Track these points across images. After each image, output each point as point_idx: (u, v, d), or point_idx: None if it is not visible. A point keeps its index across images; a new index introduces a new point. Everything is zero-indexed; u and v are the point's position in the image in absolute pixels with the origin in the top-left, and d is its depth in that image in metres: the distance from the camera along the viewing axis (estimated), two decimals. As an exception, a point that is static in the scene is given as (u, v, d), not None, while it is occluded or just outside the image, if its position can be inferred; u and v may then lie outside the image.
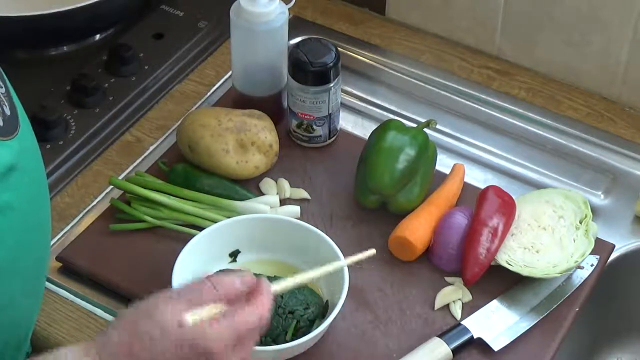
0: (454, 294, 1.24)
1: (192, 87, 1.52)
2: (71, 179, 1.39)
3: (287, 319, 1.16)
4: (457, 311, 1.23)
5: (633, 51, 1.45)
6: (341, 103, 1.41)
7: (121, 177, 1.38)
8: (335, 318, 1.16)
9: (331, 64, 1.35)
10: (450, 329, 1.21)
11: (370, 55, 1.58)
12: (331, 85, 1.36)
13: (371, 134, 1.34)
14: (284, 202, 1.34)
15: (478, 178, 1.40)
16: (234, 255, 1.26)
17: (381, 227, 1.31)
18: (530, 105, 1.50)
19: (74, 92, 1.47)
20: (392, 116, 1.47)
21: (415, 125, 1.37)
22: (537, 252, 1.25)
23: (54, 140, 1.42)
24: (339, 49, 1.37)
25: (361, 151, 1.34)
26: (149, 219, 1.30)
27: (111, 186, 1.35)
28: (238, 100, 1.43)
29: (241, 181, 1.35)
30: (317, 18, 1.63)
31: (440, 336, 1.19)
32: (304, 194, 1.35)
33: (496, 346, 1.19)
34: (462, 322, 1.21)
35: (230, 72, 1.46)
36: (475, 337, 1.20)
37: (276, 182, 1.36)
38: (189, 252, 1.21)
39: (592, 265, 1.27)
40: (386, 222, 1.30)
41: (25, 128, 1.00)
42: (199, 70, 1.55)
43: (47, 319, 1.24)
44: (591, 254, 1.25)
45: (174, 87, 1.52)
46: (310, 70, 1.35)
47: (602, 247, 1.29)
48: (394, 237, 1.28)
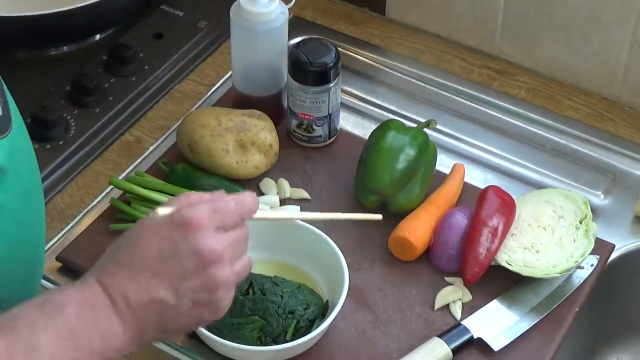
0: (454, 294, 1.24)
1: (192, 87, 1.52)
2: (71, 179, 1.39)
3: (287, 319, 1.16)
4: (457, 311, 1.23)
5: (633, 51, 1.45)
6: (341, 103, 1.41)
7: (121, 177, 1.38)
8: (335, 318, 1.17)
9: (331, 64, 1.35)
10: (450, 329, 1.21)
11: (370, 55, 1.58)
12: (331, 85, 1.36)
13: (371, 134, 1.34)
14: (284, 202, 1.34)
15: (478, 178, 1.40)
16: (234, 255, 1.26)
17: (381, 227, 1.30)
18: (530, 105, 1.50)
19: (74, 92, 1.47)
20: (392, 116, 1.47)
21: (415, 125, 1.36)
22: (537, 252, 1.25)
23: (54, 140, 1.42)
24: (339, 49, 1.37)
25: (361, 151, 1.34)
26: (149, 219, 1.30)
27: (111, 186, 1.35)
28: (238, 100, 1.43)
29: (241, 181, 1.35)
30: (317, 18, 1.63)
31: (440, 336, 1.19)
32: (304, 194, 1.35)
33: (496, 346, 1.19)
34: (462, 322, 1.21)
35: (230, 72, 1.46)
36: (475, 337, 1.20)
37: (276, 182, 1.36)
38: (189, 252, 1.21)
39: (592, 265, 1.27)
40: (386, 222, 1.30)
41: (18, 128, 0.99)
42: (199, 70, 1.55)
43: (47, 319, 1.24)
44: (591, 254, 1.25)
45: (174, 87, 1.52)
46: (310, 70, 1.35)
47: (602, 247, 1.29)
48: (394, 237, 1.28)
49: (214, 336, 1.15)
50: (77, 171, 1.40)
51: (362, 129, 1.46)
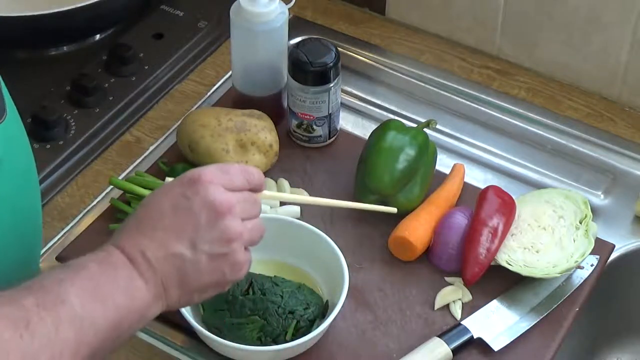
0: (454, 294, 1.24)
1: (192, 87, 1.52)
2: (71, 179, 1.39)
3: (287, 319, 1.16)
4: (457, 311, 1.23)
5: (633, 51, 1.45)
6: (341, 103, 1.41)
7: (121, 177, 1.38)
8: (335, 318, 1.17)
9: (331, 64, 1.35)
10: (450, 329, 1.21)
11: (370, 55, 1.58)
12: (331, 85, 1.36)
13: (371, 134, 1.34)
14: (284, 202, 1.34)
15: (478, 178, 1.40)
16: (234, 255, 1.26)
17: (381, 227, 1.31)
18: (530, 105, 1.50)
19: (74, 92, 1.47)
20: (392, 116, 1.47)
21: (415, 125, 1.37)
22: (537, 252, 1.25)
23: (54, 140, 1.42)
24: (339, 49, 1.37)
25: (361, 151, 1.34)
26: (149, 219, 1.30)
27: (111, 186, 1.35)
28: (238, 100, 1.43)
29: (241, 181, 1.34)
30: (317, 18, 1.63)
31: (440, 336, 1.19)
32: (304, 194, 1.35)
33: (496, 346, 1.19)
34: (462, 322, 1.21)
35: (230, 72, 1.46)
36: (475, 337, 1.20)
37: (276, 182, 1.36)
38: (189, 252, 1.21)
39: (592, 265, 1.27)
40: (386, 222, 1.30)
41: (12, 117, 1.00)
42: (199, 70, 1.55)
43: (47, 319, 1.24)
44: (591, 254, 1.25)
45: (174, 87, 1.52)
46: (310, 70, 1.35)
47: (602, 247, 1.29)
48: (394, 237, 1.28)
49: (214, 336, 1.15)
50: (77, 171, 1.40)
51: (362, 129, 1.46)
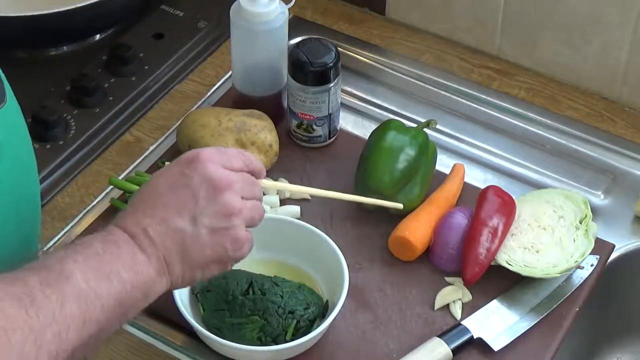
0: (454, 294, 1.24)
1: (192, 87, 1.52)
2: (71, 179, 1.39)
3: (287, 319, 1.16)
4: (457, 311, 1.23)
5: (633, 51, 1.45)
6: (341, 103, 1.41)
7: (121, 177, 1.38)
8: (335, 318, 1.17)
9: (331, 64, 1.35)
10: (450, 329, 1.21)
11: (370, 55, 1.58)
12: (331, 85, 1.36)
13: (371, 134, 1.34)
14: (284, 202, 1.34)
15: (478, 178, 1.40)
16: (234, 255, 1.26)
17: (381, 227, 1.31)
18: (530, 105, 1.50)
19: (74, 92, 1.47)
20: (392, 116, 1.47)
21: (415, 125, 1.37)
22: (537, 252, 1.25)
23: (54, 140, 1.41)
24: (339, 49, 1.37)
25: (361, 151, 1.34)
26: (149, 219, 1.30)
27: (111, 186, 1.35)
28: (238, 100, 1.43)
29: (241, 181, 1.34)
30: (317, 18, 1.63)
31: (440, 336, 1.19)
32: (304, 194, 1.35)
33: (496, 346, 1.19)
34: (462, 322, 1.21)
35: (230, 72, 1.46)
36: (475, 337, 1.20)
37: (276, 182, 1.36)
38: (189, 252, 1.21)
39: (592, 265, 1.27)
40: (386, 222, 1.30)
41: (12, 104, 1.00)
42: (199, 70, 1.55)
43: (47, 319, 1.24)
44: (591, 254, 1.25)
45: (174, 87, 1.52)
46: (310, 70, 1.35)
47: (602, 247, 1.29)
48: (394, 237, 1.28)
49: (214, 336, 1.15)
50: (77, 171, 1.40)
51: (362, 129, 1.46)
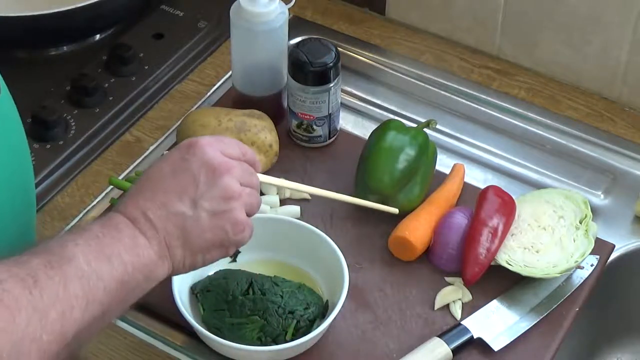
0: (454, 294, 1.24)
1: (192, 87, 1.52)
2: (71, 179, 1.39)
3: (287, 319, 1.16)
4: (457, 311, 1.23)
5: (633, 51, 1.45)
6: (341, 103, 1.41)
7: (121, 177, 1.38)
8: (335, 318, 1.17)
9: (331, 64, 1.35)
10: (450, 329, 1.21)
11: (370, 55, 1.58)
12: (331, 85, 1.36)
13: (371, 134, 1.34)
14: (284, 202, 1.34)
15: (478, 178, 1.40)
16: (234, 255, 1.26)
17: (381, 227, 1.31)
18: (530, 105, 1.50)
19: (74, 92, 1.47)
20: (392, 116, 1.47)
21: (415, 125, 1.36)
22: (537, 252, 1.25)
23: (54, 140, 1.42)
24: (339, 49, 1.37)
25: (361, 151, 1.34)
26: (149, 219, 1.30)
27: (111, 186, 1.35)
28: (238, 100, 1.43)
29: (241, 181, 1.34)
30: (317, 18, 1.63)
31: (440, 336, 1.19)
32: (304, 194, 1.35)
33: (496, 346, 1.19)
34: (462, 322, 1.21)
35: (230, 72, 1.46)
36: (475, 337, 1.20)
37: (276, 182, 1.36)
38: (189, 252, 1.21)
39: (592, 265, 1.27)
40: (386, 222, 1.30)
41: (5, 95, 1.00)
42: (199, 70, 1.55)
43: (47, 319, 1.24)
44: (591, 254, 1.25)
45: (174, 87, 1.52)
46: (310, 70, 1.35)
47: (602, 247, 1.29)
48: (394, 237, 1.28)
49: (214, 336, 1.15)
50: (77, 171, 1.40)
51: (362, 129, 1.46)
